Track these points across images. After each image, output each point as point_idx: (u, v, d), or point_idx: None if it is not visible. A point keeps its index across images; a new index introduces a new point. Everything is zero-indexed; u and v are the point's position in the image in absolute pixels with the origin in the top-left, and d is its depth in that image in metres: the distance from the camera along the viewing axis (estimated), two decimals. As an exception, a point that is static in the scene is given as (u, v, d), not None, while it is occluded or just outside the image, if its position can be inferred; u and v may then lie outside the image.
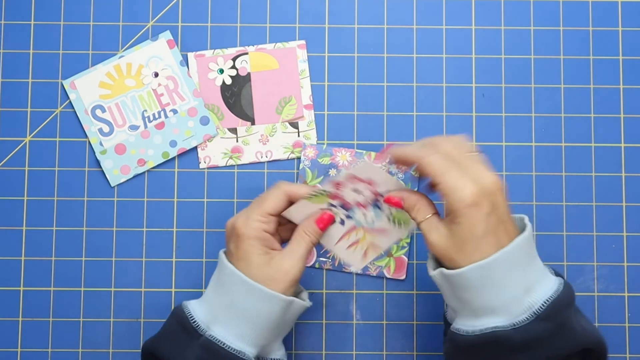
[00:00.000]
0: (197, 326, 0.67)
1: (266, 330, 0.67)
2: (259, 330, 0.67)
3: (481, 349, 0.62)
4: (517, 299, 0.61)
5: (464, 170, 0.63)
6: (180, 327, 0.67)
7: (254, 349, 0.67)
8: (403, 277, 0.79)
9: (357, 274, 0.79)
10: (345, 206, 0.70)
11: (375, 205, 0.70)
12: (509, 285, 0.61)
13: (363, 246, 0.71)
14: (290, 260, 0.67)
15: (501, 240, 0.62)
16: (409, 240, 0.79)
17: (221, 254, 0.69)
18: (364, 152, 0.80)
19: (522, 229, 0.65)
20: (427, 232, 0.65)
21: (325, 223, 0.69)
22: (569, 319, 0.62)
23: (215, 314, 0.67)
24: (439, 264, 0.66)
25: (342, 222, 0.71)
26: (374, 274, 0.79)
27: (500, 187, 0.63)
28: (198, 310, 0.68)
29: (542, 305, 0.61)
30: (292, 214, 0.69)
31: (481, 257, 0.61)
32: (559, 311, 0.61)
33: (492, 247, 0.62)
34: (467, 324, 0.63)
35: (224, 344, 0.65)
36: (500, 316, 0.62)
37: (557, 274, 0.65)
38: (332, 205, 0.70)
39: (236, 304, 0.67)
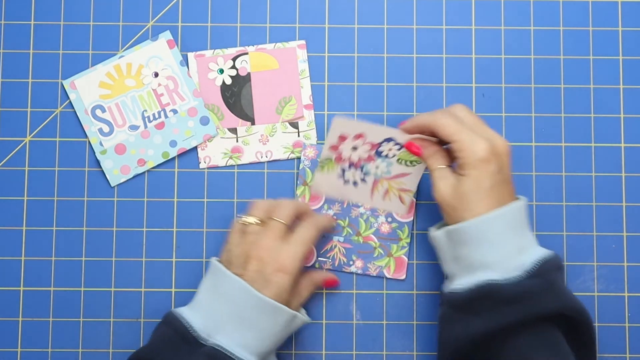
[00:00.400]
0: (197, 335, 0.67)
1: (268, 340, 0.68)
2: (262, 341, 0.68)
3: (475, 302, 0.66)
4: (511, 256, 0.66)
5: (477, 131, 0.68)
6: (179, 336, 0.68)
7: (256, 358, 0.68)
8: (403, 277, 0.79)
9: (357, 274, 0.79)
10: (355, 165, 0.75)
11: (378, 154, 0.75)
12: (504, 243, 0.67)
13: (395, 193, 0.77)
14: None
15: (502, 199, 0.67)
16: (409, 240, 0.79)
17: (219, 264, 0.70)
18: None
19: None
20: (437, 179, 0.70)
21: (331, 285, 0.78)
22: (558, 280, 0.66)
23: (215, 323, 0.68)
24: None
25: (364, 180, 0.76)
26: (374, 274, 0.79)
27: (508, 151, 0.69)
28: (194, 318, 0.68)
29: (535, 264, 0.66)
30: (317, 188, 0.77)
31: (483, 211, 0.66)
32: (549, 271, 0.66)
33: (495, 202, 0.67)
34: (463, 282, 0.67)
35: (230, 353, 0.66)
36: (495, 271, 0.66)
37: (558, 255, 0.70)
38: (343, 169, 0.75)
39: (241, 315, 0.68)
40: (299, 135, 0.81)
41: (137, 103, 0.81)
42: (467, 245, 0.67)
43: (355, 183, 0.76)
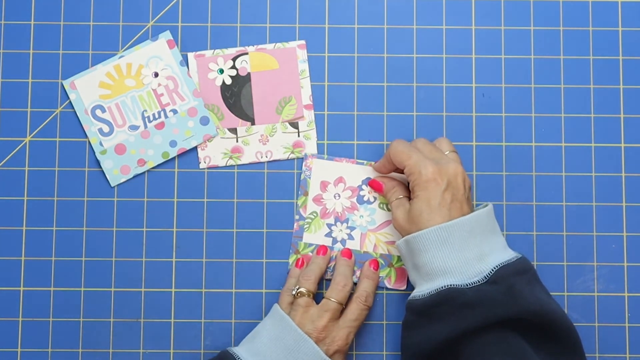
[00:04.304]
0: None
1: None
2: None
3: (436, 307, 0.68)
4: (470, 263, 0.69)
5: (429, 157, 0.73)
6: None
7: None
8: (404, 287, 0.79)
9: (356, 284, 0.79)
10: (340, 218, 0.79)
11: (360, 200, 0.79)
12: (464, 250, 0.69)
13: (384, 247, 0.79)
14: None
15: (452, 215, 0.70)
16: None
17: (288, 319, 0.73)
18: (365, 162, 0.80)
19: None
20: (394, 209, 0.75)
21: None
22: (517, 285, 0.67)
23: None
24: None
25: (351, 236, 0.79)
26: None
27: (459, 174, 0.72)
28: None
29: (492, 270, 0.68)
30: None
31: (433, 225, 0.70)
32: (508, 276, 0.68)
33: (444, 218, 0.70)
34: (424, 289, 0.70)
35: None
36: (455, 276, 0.69)
37: (525, 258, 0.72)
38: (329, 226, 0.79)
39: None
40: (299, 135, 0.81)
41: (137, 103, 0.81)
42: (428, 252, 0.70)
43: (343, 241, 0.79)
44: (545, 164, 0.81)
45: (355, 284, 0.78)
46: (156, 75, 0.81)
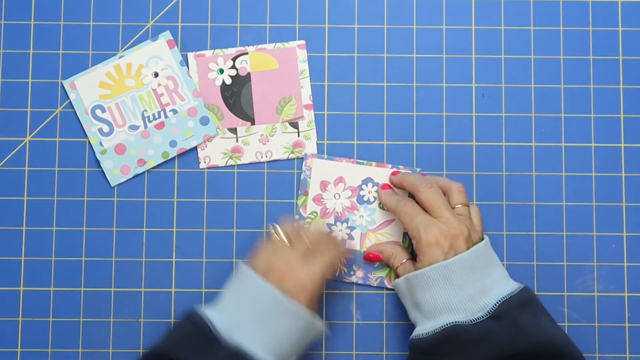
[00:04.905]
0: (219, 335, 0.68)
1: (287, 344, 0.70)
2: (280, 343, 0.69)
3: (442, 345, 0.67)
4: (473, 298, 0.68)
5: (434, 214, 0.72)
6: (200, 334, 0.68)
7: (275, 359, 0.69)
8: None
9: (357, 284, 0.79)
10: (340, 217, 0.79)
11: (360, 200, 0.79)
12: (466, 285, 0.69)
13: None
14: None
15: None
16: (409, 250, 0.79)
17: (246, 267, 0.71)
18: (365, 161, 0.80)
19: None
20: (401, 274, 0.74)
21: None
22: (521, 318, 0.67)
23: (237, 324, 0.69)
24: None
25: (351, 236, 0.79)
26: (375, 284, 0.79)
27: (461, 235, 0.71)
28: (217, 319, 0.69)
29: (495, 304, 0.67)
30: None
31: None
32: (511, 310, 0.67)
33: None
34: (427, 327, 0.69)
35: (250, 355, 0.67)
36: (459, 313, 0.68)
37: (527, 288, 0.71)
38: (329, 225, 0.79)
39: (263, 316, 0.69)
40: (299, 135, 0.81)
41: (137, 103, 0.81)
42: (430, 290, 0.69)
43: (343, 241, 0.79)
44: (545, 164, 0.81)
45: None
46: (156, 75, 0.81)
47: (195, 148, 0.81)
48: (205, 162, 0.81)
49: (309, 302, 0.71)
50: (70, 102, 0.81)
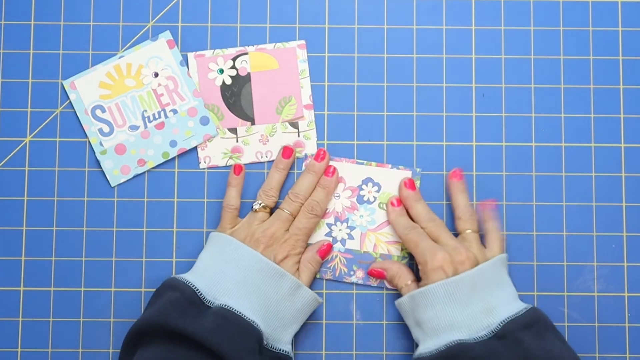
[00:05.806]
0: (204, 298, 0.70)
1: (272, 307, 0.71)
2: (266, 306, 0.71)
3: None
4: (477, 317, 0.69)
5: (439, 241, 0.73)
6: (186, 299, 0.70)
7: (263, 324, 0.70)
8: None
9: (357, 285, 0.79)
10: (340, 217, 0.79)
11: (360, 200, 0.79)
12: (471, 304, 0.69)
13: (384, 247, 0.79)
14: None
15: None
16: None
17: (225, 235, 0.74)
18: (365, 162, 0.80)
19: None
20: (404, 295, 0.74)
21: (326, 252, 0.78)
22: (525, 339, 0.67)
23: (221, 287, 0.71)
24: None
25: (351, 236, 0.79)
26: (375, 285, 0.79)
27: (467, 260, 0.71)
28: (199, 283, 0.71)
29: (499, 324, 0.68)
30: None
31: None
32: (515, 331, 0.67)
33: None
34: (430, 345, 0.69)
35: (238, 312, 0.69)
36: (462, 331, 0.68)
37: (535, 308, 0.71)
38: (330, 226, 0.79)
39: (246, 279, 0.71)
40: (299, 135, 0.81)
41: (137, 103, 0.81)
42: (434, 307, 0.70)
43: (343, 241, 0.79)
44: (545, 164, 0.81)
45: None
46: (156, 75, 0.81)
47: (195, 148, 0.81)
48: (205, 162, 0.81)
49: (295, 263, 0.74)
50: (70, 102, 0.81)
